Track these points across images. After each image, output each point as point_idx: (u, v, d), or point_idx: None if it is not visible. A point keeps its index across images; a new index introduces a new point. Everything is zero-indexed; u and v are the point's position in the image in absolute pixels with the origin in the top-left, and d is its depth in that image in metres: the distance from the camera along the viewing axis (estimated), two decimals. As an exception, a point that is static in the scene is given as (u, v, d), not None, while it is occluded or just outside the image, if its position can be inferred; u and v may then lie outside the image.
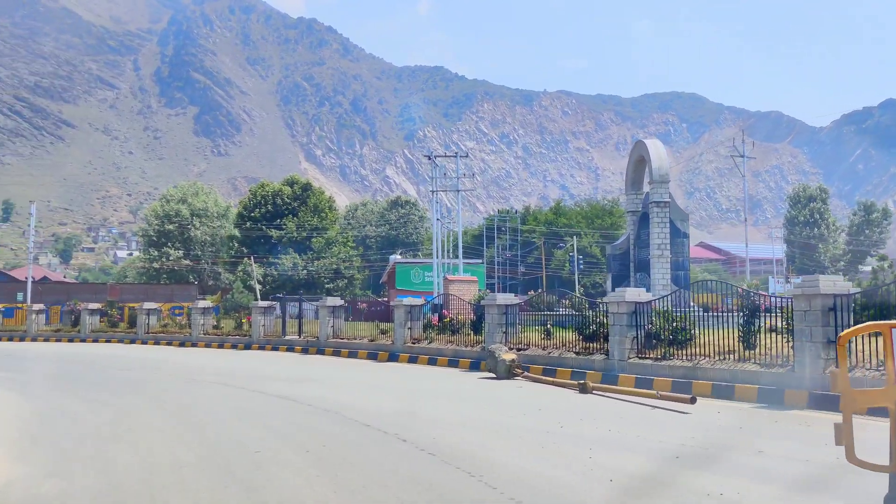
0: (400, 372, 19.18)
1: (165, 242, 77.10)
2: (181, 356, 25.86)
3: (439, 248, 40.59)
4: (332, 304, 25.41)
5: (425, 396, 14.18)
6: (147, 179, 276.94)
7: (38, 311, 37.12)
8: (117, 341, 34.18)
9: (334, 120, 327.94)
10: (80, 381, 18.07)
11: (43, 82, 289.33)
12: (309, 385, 16.27)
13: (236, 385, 16.24)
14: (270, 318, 28.75)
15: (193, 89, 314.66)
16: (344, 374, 19.13)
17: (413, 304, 22.30)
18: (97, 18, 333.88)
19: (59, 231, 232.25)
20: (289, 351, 26.67)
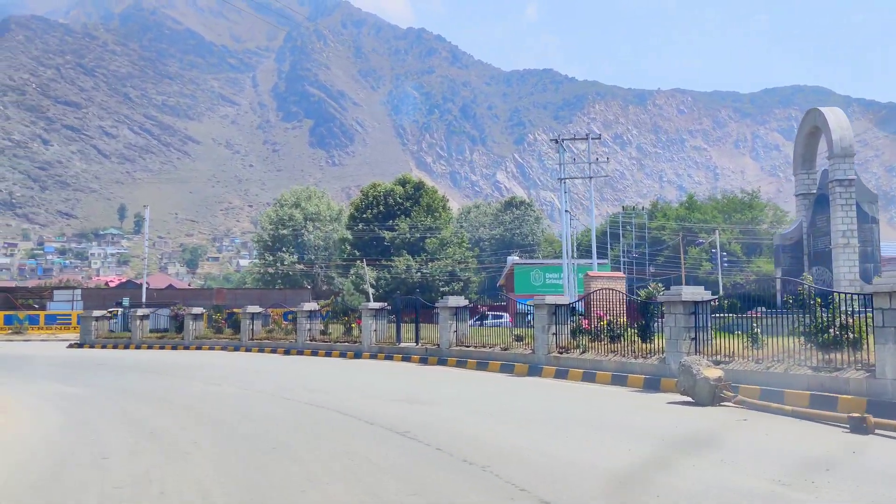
0: (550, 391, 14.47)
1: (280, 247, 75.32)
2: (281, 366, 22.05)
3: (570, 243, 35.62)
4: (455, 304, 20.95)
5: (612, 435, 9.39)
6: (266, 191, 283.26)
7: (141, 316, 34.49)
8: (220, 348, 31.01)
9: (444, 127, 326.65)
10: (145, 399, 14.37)
11: (170, 101, 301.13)
12: (434, 410, 11.83)
13: (339, 408, 11.97)
14: (383, 322, 24.60)
15: (308, 103, 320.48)
16: (477, 393, 14.57)
17: (559, 302, 17.51)
18: (218, 38, 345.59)
19: (186, 241, 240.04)
20: (405, 360, 22.41)
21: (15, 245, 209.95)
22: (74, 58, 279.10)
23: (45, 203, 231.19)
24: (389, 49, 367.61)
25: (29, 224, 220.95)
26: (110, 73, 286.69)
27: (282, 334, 29.49)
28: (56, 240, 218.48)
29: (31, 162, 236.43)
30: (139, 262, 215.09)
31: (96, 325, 36.10)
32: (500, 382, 16.18)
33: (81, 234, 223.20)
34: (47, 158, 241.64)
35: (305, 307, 27.46)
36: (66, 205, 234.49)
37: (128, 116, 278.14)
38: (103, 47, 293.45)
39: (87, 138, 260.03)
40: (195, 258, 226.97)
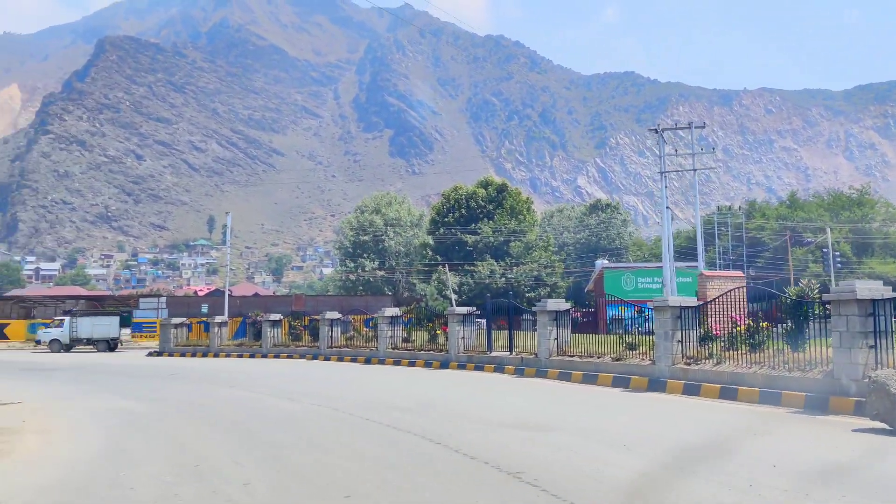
0: (688, 412, 11.69)
1: (361, 254, 73.93)
2: (361, 377, 19.85)
3: (670, 243, 32.41)
4: (555, 308, 18.29)
5: (822, 486, 6.61)
6: (348, 200, 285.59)
7: (219, 323, 33.04)
8: (299, 356, 29.15)
9: (523, 133, 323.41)
10: (205, 418, 12.31)
11: (255, 115, 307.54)
12: (552, 440, 9.26)
13: (431, 436, 9.54)
14: (471, 329, 22.13)
15: (388, 113, 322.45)
16: (599, 414, 11.89)
17: (686, 303, 14.66)
18: (301, 53, 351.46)
19: (272, 251, 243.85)
20: (497, 371, 19.85)
21: (111, 256, 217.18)
22: (165, 76, 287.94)
23: (139, 216, 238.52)
24: (468, 57, 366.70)
25: (124, 236, 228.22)
26: (199, 89, 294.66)
27: (362, 342, 27.38)
28: (149, 251, 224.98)
29: (125, 177, 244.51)
30: (229, 271, 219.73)
31: (175, 333, 34.89)
32: (620, 400, 13.45)
33: (173, 246, 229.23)
34: (140, 173, 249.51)
35: (387, 313, 25.25)
36: (158, 217, 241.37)
37: (216, 131, 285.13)
38: (192, 65, 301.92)
39: (177, 153, 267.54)
40: (280, 267, 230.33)
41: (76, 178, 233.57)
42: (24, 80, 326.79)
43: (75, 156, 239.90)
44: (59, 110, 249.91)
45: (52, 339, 39.88)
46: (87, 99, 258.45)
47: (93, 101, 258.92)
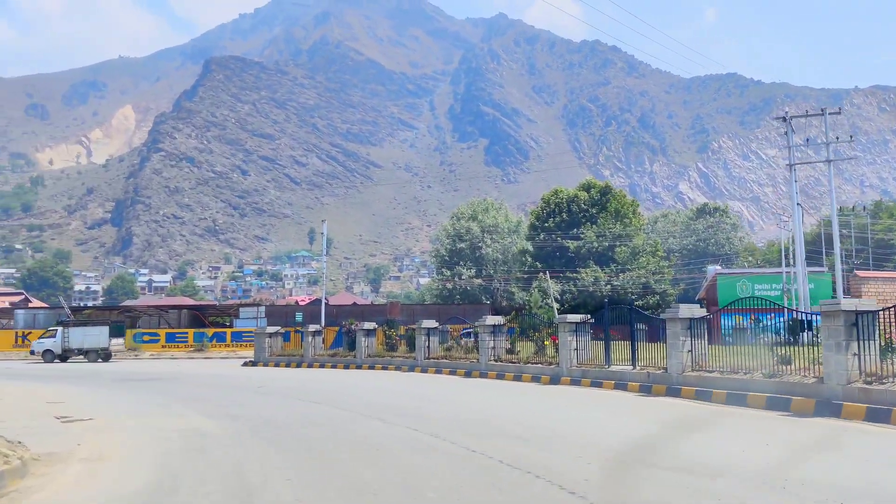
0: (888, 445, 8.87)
1: (457, 262, 71.96)
2: (462, 394, 17.65)
3: (801, 243, 28.80)
4: (689, 314, 15.55)
5: None
6: (444, 211, 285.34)
7: (313, 332, 31.55)
8: (394, 368, 27.25)
9: (622, 138, 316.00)
10: (284, 444, 10.29)
11: (353, 129, 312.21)
12: (738, 490, 6.73)
13: (557, 477, 7.16)
14: (585, 339, 19.55)
15: (483, 122, 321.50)
16: (786, 455, 9.12)
17: (863, 308, 11.74)
18: (397, 66, 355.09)
19: (370, 262, 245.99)
20: (619, 389, 17.21)
21: (218, 268, 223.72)
22: (268, 93, 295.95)
23: (244, 229, 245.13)
24: (563, 63, 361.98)
25: (230, 248, 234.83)
26: (300, 105, 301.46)
27: (461, 353, 25.17)
28: (254, 262, 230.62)
29: (231, 191, 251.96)
30: (328, 282, 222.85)
31: (270, 343, 33.67)
32: (794, 430, 10.63)
33: (276, 257, 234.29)
34: (245, 187, 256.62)
35: (488, 321, 22.95)
36: (262, 230, 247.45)
37: (316, 145, 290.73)
38: (293, 81, 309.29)
39: (280, 167, 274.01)
40: (378, 278, 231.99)
41: (186, 194, 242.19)
42: (137, 102, 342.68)
43: (185, 172, 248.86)
44: (170, 129, 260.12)
45: (46, 350, 39.74)
46: (196, 117, 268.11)
47: (201, 119, 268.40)
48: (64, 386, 23.99)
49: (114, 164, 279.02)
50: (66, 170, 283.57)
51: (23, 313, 56.28)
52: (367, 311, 57.93)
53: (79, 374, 28.95)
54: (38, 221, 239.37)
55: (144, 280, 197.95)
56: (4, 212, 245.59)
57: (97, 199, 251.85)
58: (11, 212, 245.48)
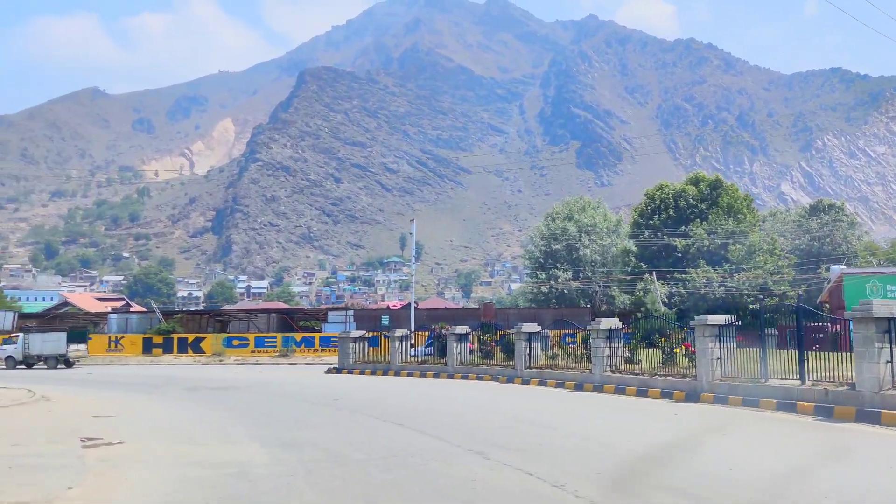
0: None
1: (553, 264, 68.00)
2: (582, 417, 14.07)
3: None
4: (887, 314, 11.53)
5: None
6: (535, 215, 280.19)
7: (400, 337, 28.51)
8: (490, 378, 23.84)
9: (719, 138, 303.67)
10: (340, 493, 7.06)
11: (443, 135, 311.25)
12: None
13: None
14: (729, 346, 15.61)
15: (575, 125, 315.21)
16: None
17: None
18: (486, 71, 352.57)
19: (461, 267, 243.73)
20: (783, 409, 13.22)
21: (313, 274, 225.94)
22: (360, 102, 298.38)
23: (338, 235, 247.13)
24: (656, 63, 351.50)
25: (324, 255, 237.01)
26: (391, 112, 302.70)
27: (569, 362, 21.51)
28: (347, 268, 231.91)
29: (325, 199, 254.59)
30: (419, 287, 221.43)
31: (355, 348, 30.85)
32: None
33: (368, 263, 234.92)
34: (338, 195, 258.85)
35: (603, 324, 19.22)
36: (354, 236, 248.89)
37: (406, 152, 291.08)
38: (384, 90, 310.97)
39: (371, 175, 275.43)
40: (469, 283, 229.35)
41: (282, 202, 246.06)
42: (236, 114, 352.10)
43: (281, 181, 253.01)
44: (267, 139, 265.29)
45: (7, 356, 38.67)
46: (291, 128, 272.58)
47: (296, 129, 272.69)
48: (131, 395, 21.70)
49: (214, 174, 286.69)
50: (170, 181, 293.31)
51: (115, 318, 55.71)
52: (458, 314, 54.74)
53: (154, 383, 26.82)
54: (144, 230, 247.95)
55: (243, 286, 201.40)
56: (114, 221, 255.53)
57: (199, 208, 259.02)
58: (120, 221, 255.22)
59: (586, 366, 20.14)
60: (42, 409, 17.45)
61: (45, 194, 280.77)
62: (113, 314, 57.35)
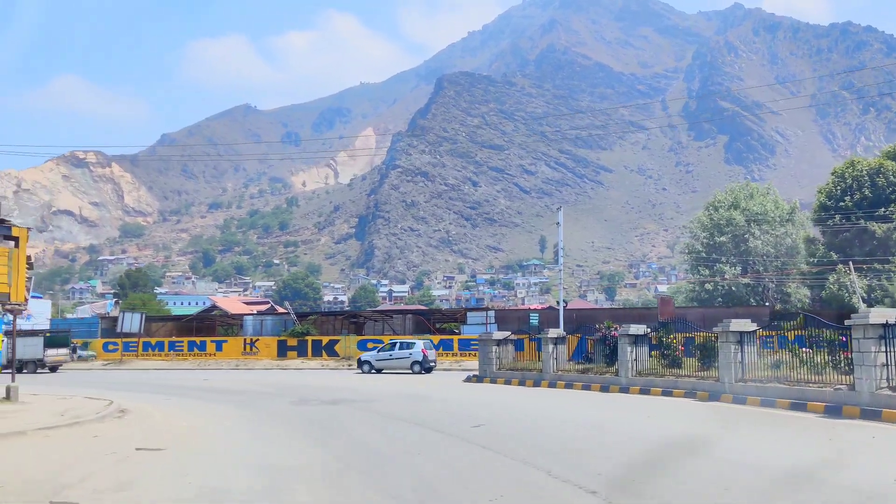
0: None
1: (718, 258, 59.86)
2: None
3: None
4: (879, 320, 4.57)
5: None
6: (682, 214, 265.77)
7: (554, 339, 22.72)
8: (682, 394, 17.60)
9: (883, 127, 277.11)
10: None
11: (582, 134, 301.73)
12: None
13: None
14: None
15: (721, 119, 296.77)
16: None
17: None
18: (626, 67, 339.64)
19: (603, 269, 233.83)
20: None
21: (452, 278, 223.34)
22: (497, 105, 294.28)
23: (476, 239, 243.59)
24: (809, 50, 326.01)
25: (463, 258, 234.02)
26: (528, 114, 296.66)
27: (806, 373, 14.94)
28: (486, 272, 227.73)
29: (463, 203, 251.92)
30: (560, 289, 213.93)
31: (498, 352, 25.35)
32: None
33: (508, 266, 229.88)
34: (476, 198, 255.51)
35: (872, 319, 12.63)
36: (493, 239, 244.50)
37: (545, 153, 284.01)
38: (521, 91, 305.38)
39: (509, 177, 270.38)
40: (613, 285, 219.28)
41: (421, 207, 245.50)
42: (377, 124, 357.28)
43: (420, 186, 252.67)
44: (406, 146, 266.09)
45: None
46: (429, 134, 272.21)
47: (434, 135, 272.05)
48: (220, 409, 17.19)
49: (357, 182, 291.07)
50: (316, 190, 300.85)
51: (251, 319, 53.07)
52: (618, 314, 48.01)
53: (264, 392, 22.45)
54: (292, 238, 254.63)
55: (385, 290, 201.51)
56: (265, 230, 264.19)
57: (343, 215, 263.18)
58: (271, 230, 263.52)
59: (838, 378, 13.58)
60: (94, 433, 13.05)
61: (203, 206, 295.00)
62: (248, 316, 54.82)
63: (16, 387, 19.27)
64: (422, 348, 32.92)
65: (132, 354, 50.01)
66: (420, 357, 32.42)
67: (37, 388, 23.56)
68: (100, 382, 28.36)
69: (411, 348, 33.09)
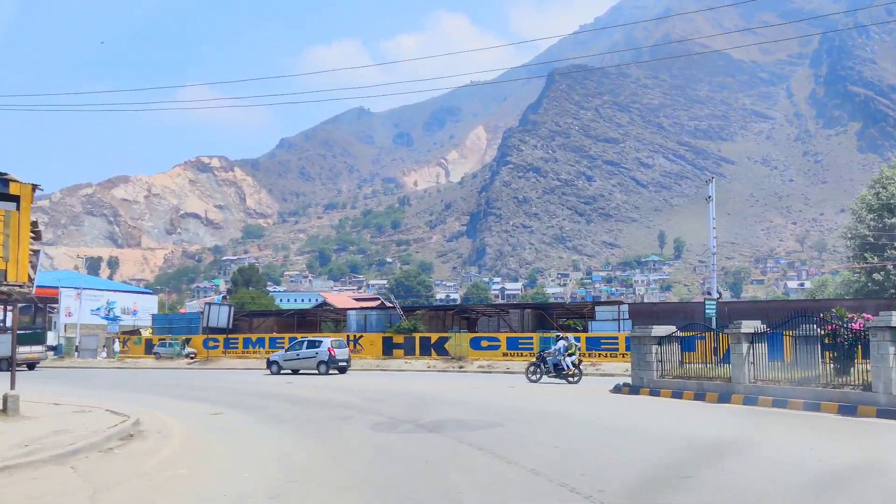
0: None
1: (888, 244, 50.18)
2: None
3: None
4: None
5: None
6: (811, 206, 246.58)
7: (746, 335, 15.65)
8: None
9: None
10: None
11: (701, 125, 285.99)
12: None
13: None
14: None
15: (853, 105, 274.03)
16: None
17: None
18: (747, 54, 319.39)
19: (728, 265, 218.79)
20: None
21: (567, 275, 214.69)
22: (611, 97, 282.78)
23: (591, 235, 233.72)
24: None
25: (578, 255, 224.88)
26: (643, 106, 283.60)
27: None
28: (602, 269, 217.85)
29: (577, 198, 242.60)
30: (681, 287, 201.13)
31: (659, 354, 18.46)
32: None
33: (625, 263, 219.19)
34: (591, 193, 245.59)
35: None
36: (609, 235, 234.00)
37: (662, 146, 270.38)
38: (636, 83, 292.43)
39: (625, 171, 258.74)
40: (738, 282, 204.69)
41: (533, 203, 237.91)
42: (488, 122, 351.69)
43: (532, 182, 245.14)
44: (517, 142, 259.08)
45: None
46: (541, 128, 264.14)
47: (545, 130, 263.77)
48: (279, 437, 11.27)
49: (468, 180, 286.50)
50: (427, 189, 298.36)
51: (355, 314, 47.90)
52: (774, 308, 39.50)
53: (340, 403, 16.55)
54: (405, 237, 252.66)
55: (497, 288, 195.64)
56: (378, 230, 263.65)
57: (454, 213, 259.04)
58: (384, 229, 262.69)
59: None
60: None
61: (319, 207, 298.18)
62: (352, 311, 49.72)
63: (15, 396, 14.15)
64: (329, 347, 30.35)
65: (233, 352, 45.87)
66: (326, 357, 29.79)
67: (53, 387, 18.58)
68: (144, 386, 23.37)
69: (318, 347, 30.57)
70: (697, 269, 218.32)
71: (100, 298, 57.20)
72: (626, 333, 37.84)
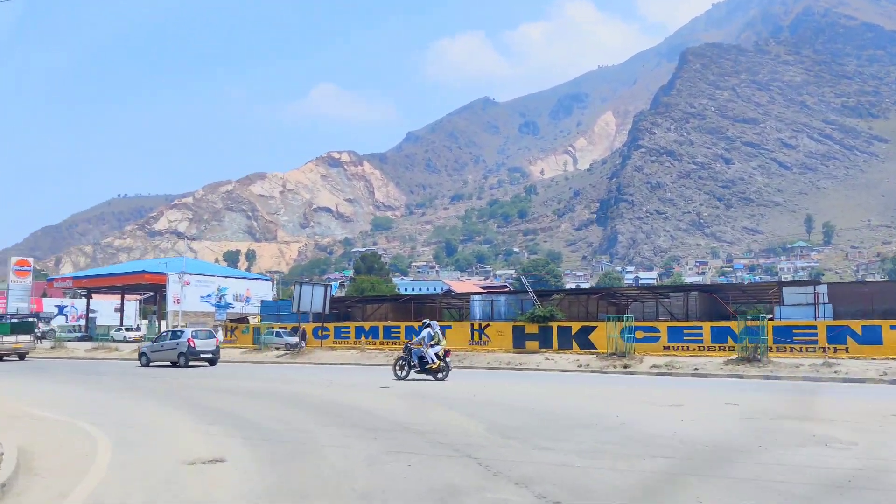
0: None
1: None
2: None
3: None
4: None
5: None
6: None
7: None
8: None
9: None
10: None
11: (849, 102, 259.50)
12: None
13: None
14: None
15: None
16: None
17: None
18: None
19: (883, 250, 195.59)
20: None
21: (705, 263, 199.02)
22: (748, 76, 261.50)
23: (731, 220, 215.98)
24: None
25: (717, 242, 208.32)
26: (784, 84, 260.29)
27: None
28: (743, 256, 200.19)
29: (714, 182, 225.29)
30: (833, 275, 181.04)
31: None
32: None
33: (769, 249, 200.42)
34: (729, 177, 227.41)
35: None
36: (750, 221, 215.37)
37: (806, 125, 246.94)
38: (776, 60, 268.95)
39: (766, 152, 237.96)
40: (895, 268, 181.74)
41: (667, 188, 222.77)
42: (616, 107, 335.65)
43: (665, 166, 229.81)
44: (649, 125, 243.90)
45: None
46: (674, 111, 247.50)
47: (679, 111, 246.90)
48: None
49: (597, 167, 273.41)
50: (554, 178, 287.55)
51: (479, 300, 40.04)
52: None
53: (440, 439, 8.62)
54: (531, 226, 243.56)
55: (631, 277, 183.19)
56: (504, 219, 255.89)
57: (583, 201, 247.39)
58: (510, 219, 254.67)
59: None
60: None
61: (445, 199, 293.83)
62: (476, 296, 41.94)
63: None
64: (189, 338, 28.50)
65: (344, 342, 39.23)
66: (185, 348, 27.92)
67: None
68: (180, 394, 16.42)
69: (179, 338, 28.84)
70: (850, 255, 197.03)
71: (210, 285, 52.41)
72: (826, 322, 28.14)
